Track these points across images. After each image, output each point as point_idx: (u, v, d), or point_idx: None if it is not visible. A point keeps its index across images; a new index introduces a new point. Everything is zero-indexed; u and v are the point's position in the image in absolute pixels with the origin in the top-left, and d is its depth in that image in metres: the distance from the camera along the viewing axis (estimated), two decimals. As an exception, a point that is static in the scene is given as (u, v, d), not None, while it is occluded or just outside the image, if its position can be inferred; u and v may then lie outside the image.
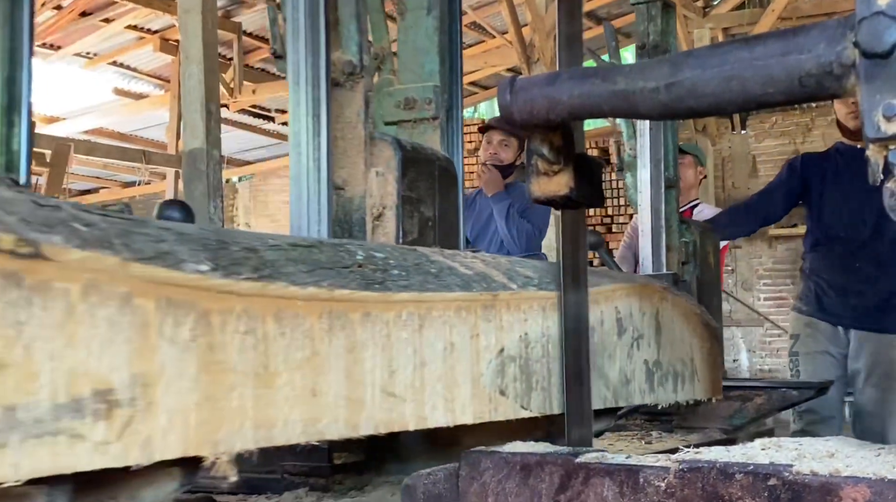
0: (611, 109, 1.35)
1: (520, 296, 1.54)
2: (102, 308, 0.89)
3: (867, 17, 1.07)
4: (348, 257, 1.25)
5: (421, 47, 2.16)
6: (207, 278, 0.99)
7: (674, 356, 1.96)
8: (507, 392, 1.50)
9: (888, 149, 1.11)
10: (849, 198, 4.02)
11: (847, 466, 1.29)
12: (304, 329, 1.12)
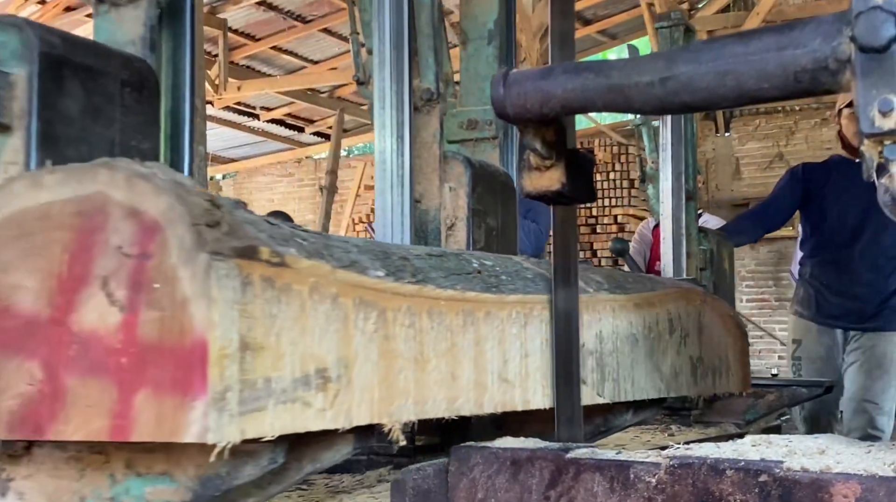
0: (605, 104, 1.35)
1: (595, 298, 1.77)
2: (321, 305, 1.14)
3: (864, 12, 1.07)
4: (468, 265, 1.52)
5: (482, 73, 2.42)
6: (384, 282, 1.26)
7: (713, 353, 2.16)
8: (586, 381, 1.72)
9: (883, 145, 1.11)
10: (846, 208, 4.18)
11: (837, 463, 1.29)
12: (446, 324, 1.38)
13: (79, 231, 1.07)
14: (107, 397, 1.05)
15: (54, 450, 1.24)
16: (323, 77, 11.69)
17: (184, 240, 1.01)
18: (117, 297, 1.05)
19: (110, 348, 1.05)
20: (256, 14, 10.56)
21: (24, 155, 1.35)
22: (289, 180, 14.43)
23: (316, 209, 13.17)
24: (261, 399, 1.05)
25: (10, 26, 1.34)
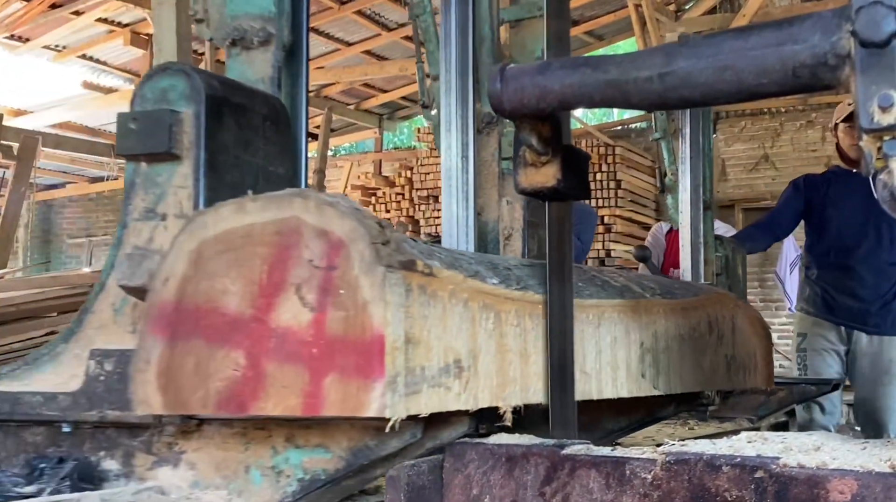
0: (602, 99, 1.34)
1: (651, 302, 1.98)
2: (456, 307, 1.40)
3: (865, 7, 1.07)
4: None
5: None
6: (498, 288, 1.52)
7: (743, 352, 2.36)
8: (645, 375, 1.93)
9: (882, 141, 1.11)
10: (847, 217, 4.42)
11: (833, 459, 1.29)
12: (535, 322, 1.61)
13: (276, 247, 1.32)
14: (300, 380, 1.29)
15: (222, 427, 1.49)
16: (310, 76, 11.66)
17: (364, 255, 1.28)
18: (308, 300, 1.30)
19: (303, 341, 1.30)
20: (243, 12, 10.54)
21: (192, 180, 1.55)
22: (275, 179, 14.39)
23: (302, 208, 13.14)
24: (418, 383, 1.32)
25: (179, 72, 1.56)
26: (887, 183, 1.12)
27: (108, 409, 1.54)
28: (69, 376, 1.59)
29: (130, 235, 1.58)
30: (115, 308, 1.62)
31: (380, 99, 12.93)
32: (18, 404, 1.60)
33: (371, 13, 10.83)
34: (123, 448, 1.56)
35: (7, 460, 1.61)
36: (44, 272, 13.02)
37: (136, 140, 1.57)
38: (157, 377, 1.38)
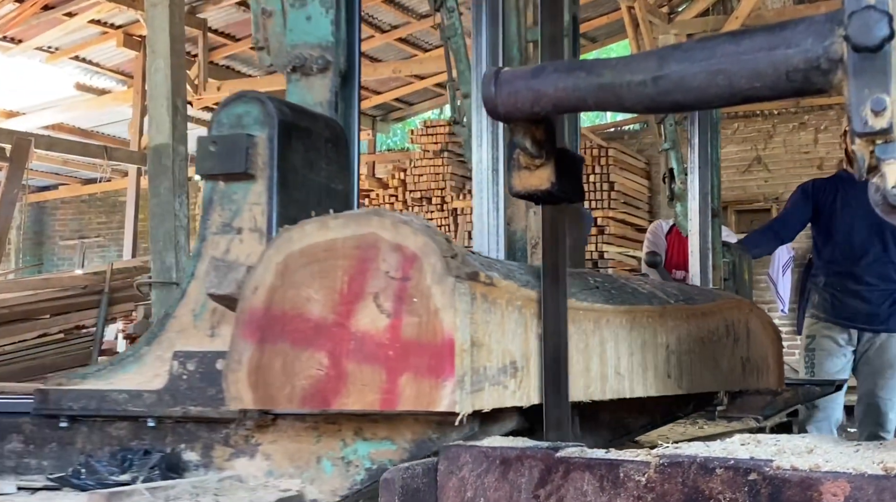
0: (596, 103, 1.35)
1: (675, 308, 2.11)
2: (512, 314, 1.56)
3: (857, 11, 1.07)
4: (589, 281, 1.89)
5: None
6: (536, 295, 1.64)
7: (757, 354, 2.49)
8: (671, 375, 2.05)
9: (875, 144, 1.11)
10: (854, 222, 4.54)
11: (826, 461, 1.29)
12: (583, 329, 1.75)
13: (356, 259, 1.48)
14: (378, 379, 1.44)
15: (295, 421, 1.63)
16: (303, 78, 11.66)
17: (436, 267, 1.43)
18: (385, 307, 1.45)
19: (380, 343, 1.45)
20: (236, 14, 10.51)
21: (266, 197, 1.71)
22: (268, 181, 14.37)
23: (295, 210, 13.12)
24: (482, 382, 1.47)
25: (254, 100, 1.72)
26: (879, 186, 1.12)
27: (190, 405, 1.69)
28: (152, 375, 1.75)
29: (209, 247, 1.75)
30: (194, 313, 1.77)
31: (373, 101, 12.93)
32: (105, 401, 1.76)
33: (365, 15, 10.83)
34: (203, 440, 1.71)
35: (93, 452, 1.78)
36: (36, 274, 12.99)
37: (214, 161, 1.73)
38: (248, 376, 1.53)
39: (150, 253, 5.59)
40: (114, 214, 14.59)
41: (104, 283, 7.54)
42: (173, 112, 5.45)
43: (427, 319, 1.42)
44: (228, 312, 1.67)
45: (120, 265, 8.11)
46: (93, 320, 7.50)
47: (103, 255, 14.44)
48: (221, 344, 1.68)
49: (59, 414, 1.81)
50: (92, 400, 1.77)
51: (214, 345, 1.71)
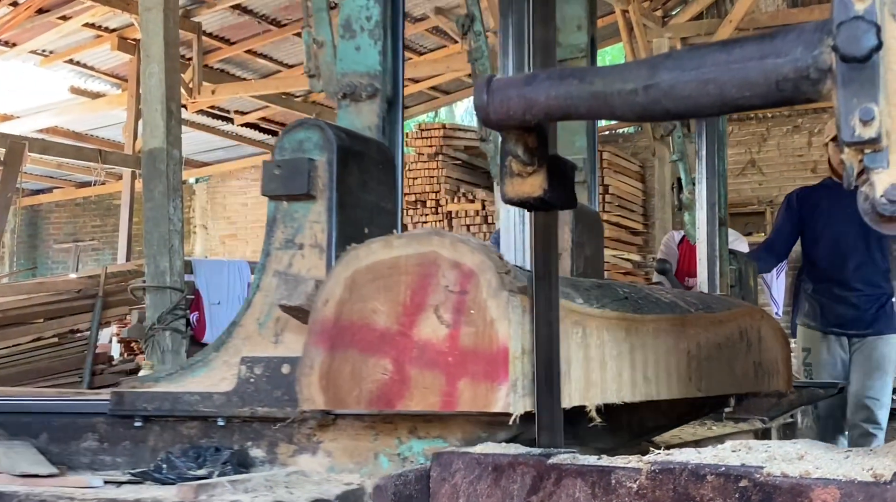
0: (587, 111, 1.35)
1: (695, 316, 2.24)
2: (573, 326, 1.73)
3: (845, 22, 1.08)
4: (619, 292, 2.01)
5: (572, 128, 2.92)
6: (583, 307, 1.78)
7: (768, 358, 2.62)
8: (692, 379, 2.16)
9: (863, 153, 1.12)
10: (839, 230, 4.62)
11: (817, 468, 1.30)
12: (615, 337, 1.87)
13: (418, 275, 1.62)
14: (438, 383, 1.58)
15: (354, 421, 1.78)
16: (298, 81, 11.64)
17: (491, 282, 1.57)
18: (445, 318, 1.59)
19: (440, 351, 1.59)
20: (231, 18, 10.51)
21: (325, 216, 1.86)
22: (263, 184, 14.36)
23: (290, 213, 13.11)
24: (531, 385, 1.60)
25: (314, 127, 1.87)
26: (868, 195, 1.13)
27: (257, 406, 1.85)
28: (219, 379, 1.91)
29: (273, 262, 1.90)
30: (259, 322, 1.92)
31: (368, 104, 12.93)
32: (178, 402, 1.91)
33: (359, 18, 10.83)
34: (268, 438, 1.86)
35: (164, 449, 1.92)
36: (30, 277, 12.97)
37: (279, 183, 1.88)
38: (320, 379, 1.68)
39: (145, 256, 5.60)
40: (108, 218, 14.58)
41: (98, 287, 7.53)
42: (168, 116, 5.46)
43: (483, 329, 1.56)
44: (291, 321, 1.84)
45: (114, 269, 8.10)
46: (87, 324, 7.49)
47: (98, 259, 14.43)
48: (284, 350, 1.85)
49: (133, 415, 1.96)
50: (165, 401, 1.93)
51: (278, 351, 1.86)
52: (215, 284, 6.41)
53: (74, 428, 2.03)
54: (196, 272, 6.35)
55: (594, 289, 1.92)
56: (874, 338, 4.71)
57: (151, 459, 1.92)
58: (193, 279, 6.22)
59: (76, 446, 2.02)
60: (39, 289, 7.74)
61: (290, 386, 1.79)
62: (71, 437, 2.03)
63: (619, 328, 1.89)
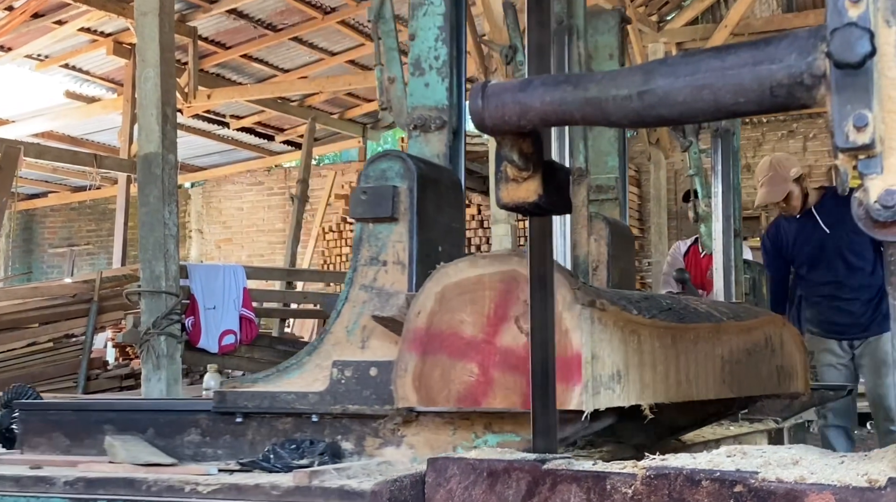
0: (582, 117, 1.35)
1: (727, 324, 2.41)
2: (616, 332, 1.86)
3: (839, 28, 1.08)
4: (663, 303, 2.17)
5: (605, 150, 3.22)
6: (638, 317, 1.94)
7: (788, 363, 2.81)
8: (725, 381, 2.34)
9: (857, 159, 1.12)
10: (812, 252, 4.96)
11: (812, 473, 1.30)
12: (663, 343, 2.05)
13: (500, 290, 1.82)
14: (518, 384, 1.78)
15: (435, 417, 1.98)
16: (293, 86, 11.65)
17: (566, 297, 1.75)
18: (524, 328, 1.77)
19: (520, 356, 1.78)
20: (227, 22, 10.51)
21: (407, 236, 2.08)
22: (258, 189, 14.35)
23: (286, 218, 13.10)
24: (599, 387, 1.77)
25: (396, 157, 2.10)
26: (862, 201, 1.13)
27: (348, 404, 2.07)
28: (312, 380, 2.14)
29: (359, 277, 2.13)
30: (347, 330, 2.13)
31: (363, 108, 12.94)
32: (276, 400, 2.15)
33: (354, 23, 10.84)
34: (356, 433, 2.08)
35: (260, 442, 2.15)
36: (25, 282, 12.95)
37: (365, 208, 2.11)
38: (413, 381, 1.87)
39: (140, 261, 5.59)
40: (103, 222, 14.57)
41: (93, 292, 7.52)
42: (163, 120, 5.45)
43: (559, 338, 1.73)
44: (377, 329, 2.07)
45: (109, 273, 8.09)
46: (82, 329, 7.48)
47: (93, 263, 14.42)
48: (371, 354, 2.08)
49: (235, 412, 2.19)
50: (264, 399, 2.16)
51: (365, 356, 2.08)
52: (210, 289, 6.40)
53: (179, 423, 2.27)
54: (191, 276, 6.33)
55: (643, 301, 2.10)
56: (875, 338, 4.89)
57: (250, 451, 2.15)
58: (188, 283, 6.20)
59: (180, 440, 2.26)
60: (34, 293, 7.72)
61: (377, 387, 2.03)
62: (176, 432, 2.27)
63: (666, 335, 2.07)
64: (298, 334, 9.60)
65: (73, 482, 1.94)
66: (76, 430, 2.39)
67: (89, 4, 9.31)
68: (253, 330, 6.67)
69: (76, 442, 2.38)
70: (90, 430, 2.36)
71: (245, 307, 6.58)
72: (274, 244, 13.89)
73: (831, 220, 4.84)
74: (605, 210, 3.14)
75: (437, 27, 2.31)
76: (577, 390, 1.72)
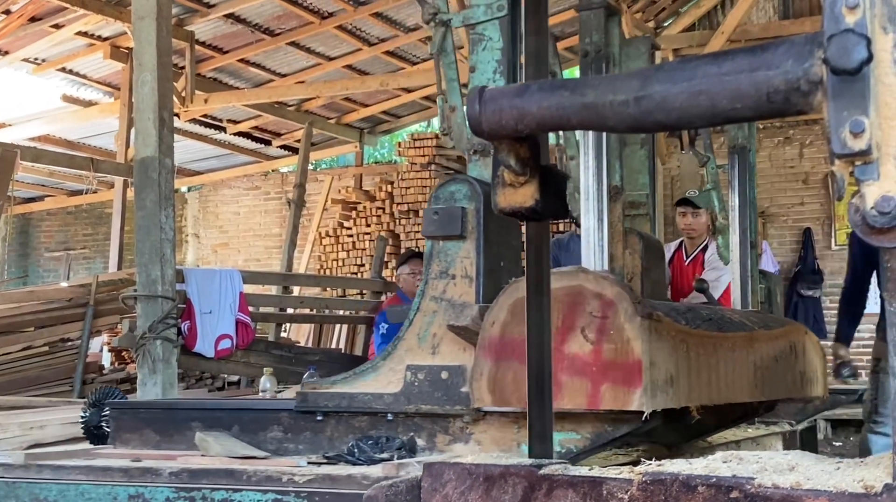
0: (579, 122, 1.35)
1: (758, 333, 2.61)
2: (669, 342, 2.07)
3: (836, 35, 1.08)
4: (703, 315, 2.39)
5: (637, 168, 3.45)
6: (685, 327, 2.16)
7: (810, 368, 3.06)
8: (757, 386, 2.56)
9: (854, 165, 1.13)
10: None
11: (808, 479, 1.30)
12: (705, 350, 2.24)
13: (568, 303, 2.03)
14: (585, 387, 1.99)
15: (500, 417, 2.18)
16: (290, 90, 11.64)
17: (627, 310, 1.97)
18: (590, 337, 2.00)
19: (586, 362, 2.00)
20: (224, 27, 10.51)
21: (474, 253, 2.31)
22: (255, 193, 14.33)
23: (282, 223, 13.08)
24: (656, 390, 1.96)
25: (464, 181, 2.35)
26: (859, 207, 1.13)
27: (421, 404, 2.31)
28: (386, 382, 2.37)
29: (430, 289, 2.37)
30: (419, 337, 2.37)
31: (360, 113, 12.93)
32: (354, 400, 2.39)
33: (352, 28, 10.84)
34: (427, 430, 2.33)
35: (338, 439, 2.39)
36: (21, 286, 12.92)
37: (436, 226, 2.33)
38: (487, 384, 2.09)
39: (136, 265, 5.58)
40: (100, 226, 14.54)
41: (89, 296, 7.50)
42: (160, 124, 5.45)
43: (621, 346, 1.96)
44: (446, 336, 2.30)
45: (105, 277, 8.07)
46: (78, 333, 7.46)
47: (89, 267, 14.39)
48: (441, 359, 2.31)
49: (315, 411, 2.45)
50: (343, 399, 2.41)
51: (436, 361, 2.31)
52: (207, 293, 6.38)
53: (263, 421, 2.50)
54: (187, 281, 6.32)
55: (688, 313, 2.32)
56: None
57: (328, 447, 2.39)
58: (185, 288, 6.19)
59: (263, 436, 2.49)
60: (30, 297, 7.71)
61: (447, 389, 2.28)
62: (259, 428, 2.50)
63: (709, 344, 2.28)
64: (294, 339, 9.59)
65: (178, 473, 2.15)
66: (165, 427, 2.64)
67: (86, 8, 9.29)
68: (249, 334, 6.66)
69: (165, 438, 2.62)
70: (179, 427, 2.60)
71: (241, 311, 6.57)
72: (270, 248, 13.87)
73: None
74: (636, 224, 3.35)
75: (496, 61, 2.48)
76: (637, 393, 1.92)
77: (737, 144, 4.10)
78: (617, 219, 3.00)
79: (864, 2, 1.10)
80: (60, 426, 5.26)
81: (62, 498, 2.24)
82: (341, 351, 8.75)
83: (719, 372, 2.33)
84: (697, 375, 2.19)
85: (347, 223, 11.92)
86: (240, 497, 2.07)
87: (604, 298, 1.99)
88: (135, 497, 2.17)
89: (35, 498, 2.27)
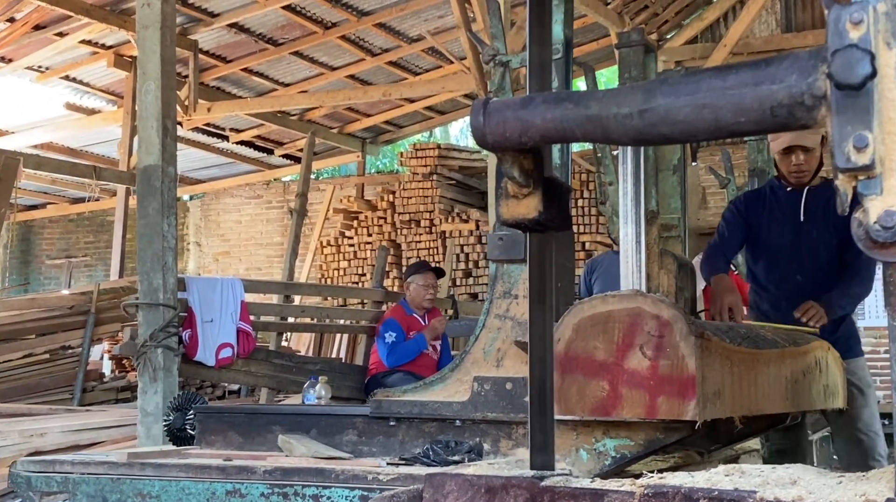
0: (584, 134, 1.36)
1: (789, 350, 2.82)
2: (717, 357, 2.24)
3: (840, 50, 1.09)
4: (740, 332, 2.54)
5: (669, 193, 3.58)
6: (731, 345, 2.35)
7: (832, 381, 3.24)
8: (787, 398, 2.74)
9: (857, 180, 1.13)
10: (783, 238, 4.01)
11: (810, 493, 1.30)
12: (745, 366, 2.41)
13: (627, 323, 2.21)
14: (643, 399, 2.17)
15: (560, 424, 2.25)
16: (293, 100, 11.66)
17: (682, 330, 2.15)
18: (648, 354, 2.18)
19: (644, 377, 2.17)
20: (228, 36, 10.53)
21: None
22: (257, 202, 14.35)
23: (284, 232, 13.09)
24: (706, 402, 2.15)
25: None
26: (862, 221, 1.13)
27: (487, 412, 2.53)
28: (454, 392, 2.61)
29: (494, 307, 2.60)
30: (484, 351, 2.61)
31: (363, 123, 12.96)
32: (425, 407, 2.63)
33: (355, 38, 10.87)
34: (492, 436, 2.54)
35: (409, 442, 2.60)
36: (22, 293, 12.92)
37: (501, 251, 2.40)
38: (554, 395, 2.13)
39: (138, 273, 5.58)
40: (101, 234, 14.55)
41: (90, 304, 7.50)
42: (163, 133, 5.46)
43: (676, 362, 2.14)
44: (509, 350, 2.51)
45: (107, 285, 8.07)
46: (79, 340, 7.46)
47: (90, 275, 14.39)
48: (505, 372, 2.52)
49: (389, 416, 2.67)
50: (415, 407, 2.64)
51: (500, 373, 2.53)
52: (208, 302, 6.37)
53: (339, 425, 2.71)
54: (189, 289, 6.31)
55: (729, 331, 2.47)
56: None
57: (400, 449, 2.60)
58: (186, 296, 6.19)
59: (339, 439, 2.69)
60: (31, 305, 7.71)
61: (511, 399, 2.49)
62: (336, 432, 2.70)
63: (749, 359, 2.45)
64: (295, 348, 9.58)
65: (272, 471, 2.32)
66: (248, 430, 2.84)
67: (91, 17, 9.32)
68: (250, 343, 6.65)
69: (248, 440, 2.82)
70: (261, 430, 2.82)
71: (243, 320, 6.56)
72: (272, 257, 13.88)
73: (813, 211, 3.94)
74: (669, 246, 3.51)
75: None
76: (692, 404, 2.11)
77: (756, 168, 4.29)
78: (653, 241, 3.19)
79: (868, 17, 1.10)
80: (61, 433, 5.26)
81: (164, 493, 2.41)
82: (342, 360, 8.75)
83: (757, 385, 2.49)
84: (739, 388, 2.36)
85: (349, 232, 11.92)
86: (329, 493, 2.23)
87: (661, 319, 2.17)
88: (231, 492, 2.34)
89: (138, 493, 2.44)
